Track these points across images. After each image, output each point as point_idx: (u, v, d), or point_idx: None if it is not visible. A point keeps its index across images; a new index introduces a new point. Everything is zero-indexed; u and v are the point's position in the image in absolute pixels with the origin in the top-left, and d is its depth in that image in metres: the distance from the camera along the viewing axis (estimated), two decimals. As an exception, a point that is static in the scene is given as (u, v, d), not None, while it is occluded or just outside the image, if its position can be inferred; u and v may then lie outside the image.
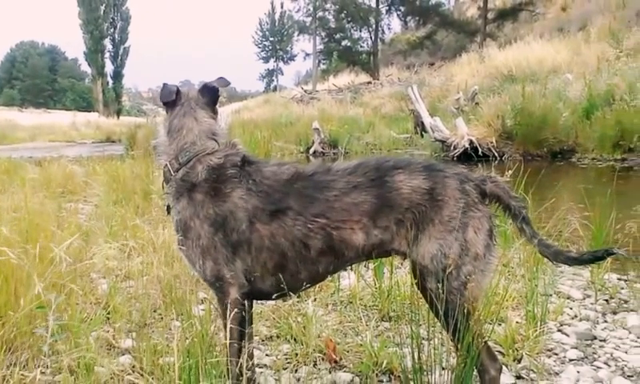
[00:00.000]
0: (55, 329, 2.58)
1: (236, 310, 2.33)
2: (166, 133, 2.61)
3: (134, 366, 2.84)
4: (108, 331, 3.28)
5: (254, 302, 2.74)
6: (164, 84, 2.65)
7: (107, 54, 71.17)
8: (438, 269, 2.25)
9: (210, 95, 2.67)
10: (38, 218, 3.96)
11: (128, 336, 3.22)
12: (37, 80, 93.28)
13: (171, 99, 2.59)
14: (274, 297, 2.50)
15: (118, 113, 68.67)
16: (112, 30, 71.58)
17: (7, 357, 2.67)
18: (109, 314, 3.46)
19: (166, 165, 2.54)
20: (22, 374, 2.55)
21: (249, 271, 2.39)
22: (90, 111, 67.03)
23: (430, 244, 2.27)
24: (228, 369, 2.36)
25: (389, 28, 47.47)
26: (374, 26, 42.95)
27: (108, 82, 72.02)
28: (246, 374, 2.37)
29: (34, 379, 2.43)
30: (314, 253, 2.37)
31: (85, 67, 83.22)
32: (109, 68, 72.00)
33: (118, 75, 74.09)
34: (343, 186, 2.36)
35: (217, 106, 2.73)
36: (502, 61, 24.81)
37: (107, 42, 70.93)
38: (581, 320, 3.56)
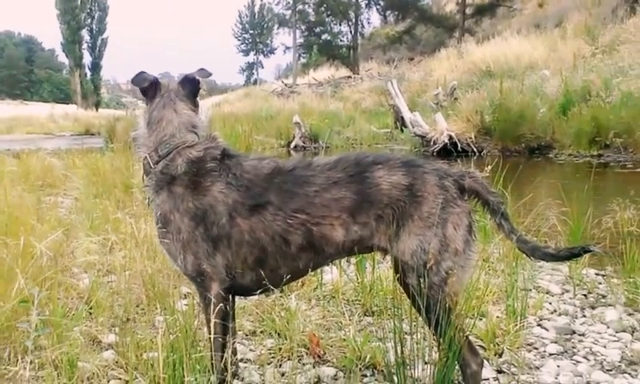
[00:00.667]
0: (38, 324, 2.57)
1: (219, 304, 2.33)
2: (145, 124, 2.58)
3: (117, 361, 2.84)
4: (91, 326, 3.26)
5: (236, 297, 2.74)
6: (140, 71, 2.61)
7: (85, 45, 70.26)
8: (417, 264, 2.27)
9: (191, 87, 2.64)
10: (17, 212, 3.92)
11: (111, 331, 3.21)
12: (13, 71, 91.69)
13: (144, 86, 2.57)
14: (256, 292, 2.51)
15: (97, 105, 67.75)
16: (90, 20, 70.59)
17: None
18: (91, 308, 3.44)
19: (146, 157, 2.52)
20: (5, 369, 2.54)
21: (229, 266, 2.39)
22: (68, 103, 66.11)
23: (409, 240, 2.29)
24: (212, 363, 2.37)
25: (368, 22, 47.61)
26: (353, 20, 43.10)
27: (86, 74, 71.09)
28: (231, 368, 2.39)
29: (17, 374, 2.42)
30: (294, 248, 2.38)
31: (62, 58, 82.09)
32: (87, 59, 71.16)
33: (96, 67, 73.16)
34: (323, 182, 2.36)
35: (197, 99, 2.70)
36: (480, 56, 24.98)
37: (85, 33, 69.96)
38: (560, 315, 3.62)
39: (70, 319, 3.09)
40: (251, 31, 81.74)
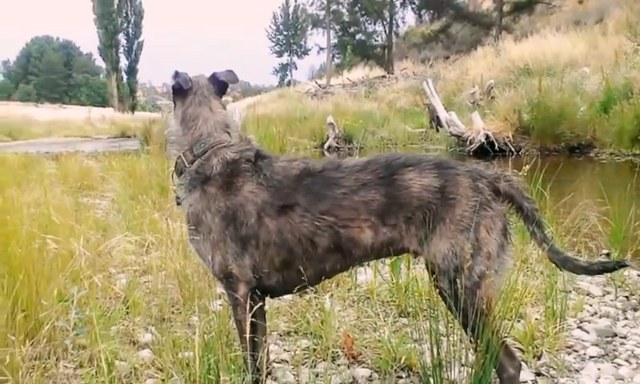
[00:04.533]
0: (77, 322, 2.61)
1: (246, 305, 2.33)
2: (179, 122, 2.58)
3: (153, 361, 2.87)
4: (128, 326, 3.31)
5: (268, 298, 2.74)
6: (176, 71, 2.60)
7: (121, 49, 71.37)
8: (449, 268, 2.24)
9: (220, 86, 2.65)
10: (56, 213, 4.00)
11: (147, 330, 3.25)
12: (52, 75, 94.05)
13: (188, 87, 2.56)
14: (282, 293, 2.50)
15: (133, 108, 68.86)
16: (126, 24, 71.72)
17: (30, 350, 2.70)
18: (128, 308, 3.49)
19: (180, 156, 2.52)
20: (44, 367, 2.59)
21: (256, 267, 2.38)
22: (104, 106, 67.54)
23: (441, 243, 2.26)
24: (246, 362, 2.37)
25: (403, 21, 47.20)
26: (388, 20, 42.82)
27: (122, 77, 72.18)
28: (266, 368, 2.39)
29: (57, 372, 2.47)
30: (320, 250, 2.36)
31: (99, 62, 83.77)
32: (123, 63, 72.21)
33: (132, 70, 74.27)
34: (352, 184, 2.34)
35: (223, 98, 2.71)
36: (518, 54, 24.58)
37: (121, 37, 71.15)
38: (601, 317, 3.53)
39: (108, 319, 3.15)
40: (285, 32, 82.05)
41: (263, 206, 2.35)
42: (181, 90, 2.57)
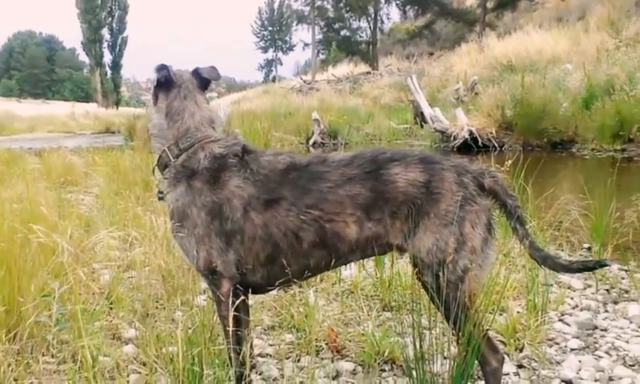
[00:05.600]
0: (59, 318, 2.60)
1: (229, 300, 2.33)
2: (163, 116, 2.53)
3: (137, 356, 2.86)
4: (111, 321, 3.30)
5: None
6: (162, 64, 2.54)
7: (105, 44, 70.74)
8: (433, 262, 2.24)
9: (202, 81, 2.63)
10: (39, 209, 3.97)
11: (131, 326, 3.24)
12: (35, 70, 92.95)
13: (166, 77, 2.51)
14: (266, 289, 2.51)
15: (117, 103, 68.41)
16: (110, 19, 71.08)
17: (12, 345, 2.68)
18: (111, 303, 3.48)
19: (164, 150, 2.50)
20: (27, 363, 2.57)
21: (241, 263, 2.38)
22: (88, 102, 66.80)
23: (425, 237, 2.26)
24: (230, 357, 2.37)
25: (388, 17, 47.31)
26: (372, 16, 42.85)
27: (106, 73, 71.60)
28: (250, 361, 2.39)
29: (39, 367, 2.45)
30: (306, 245, 2.35)
31: (83, 57, 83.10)
32: (107, 58, 71.66)
33: (116, 65, 73.66)
34: (337, 178, 2.33)
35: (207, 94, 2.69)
36: (502, 51, 24.74)
37: (105, 32, 70.49)
38: (582, 310, 3.58)
39: (91, 314, 3.13)
40: (270, 28, 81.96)
41: (249, 200, 2.34)
42: (165, 84, 2.54)
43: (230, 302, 2.30)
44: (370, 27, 43.52)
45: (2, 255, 2.89)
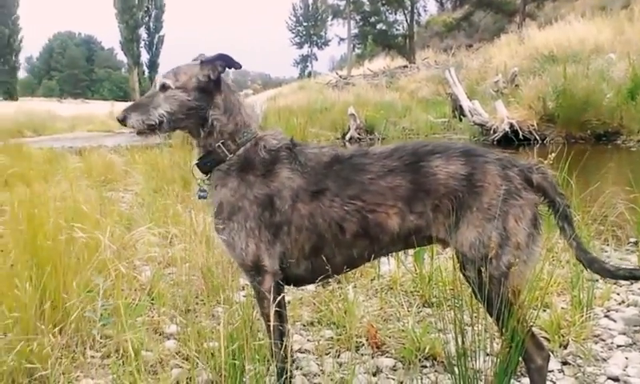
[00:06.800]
0: (103, 313, 2.65)
1: (271, 296, 2.34)
2: (222, 112, 2.48)
3: (179, 351, 2.89)
4: (153, 317, 3.34)
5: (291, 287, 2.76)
6: (221, 54, 2.48)
7: (142, 44, 71.98)
8: (476, 257, 2.21)
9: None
10: (81, 207, 4.05)
11: (172, 321, 3.28)
12: (74, 70, 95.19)
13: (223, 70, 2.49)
14: (310, 282, 2.52)
15: (155, 102, 69.28)
16: (147, 18, 72.29)
17: (58, 339, 2.74)
18: (153, 299, 3.53)
19: (219, 145, 2.47)
20: (72, 357, 2.63)
21: (286, 255, 2.41)
22: (127, 101, 67.79)
23: (468, 232, 2.24)
24: (272, 352, 2.38)
25: (425, 10, 46.84)
26: (409, 9, 42.45)
27: (144, 72, 72.90)
28: (291, 356, 2.40)
29: (85, 362, 2.50)
30: (349, 236, 2.37)
31: (121, 57, 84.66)
32: (144, 57, 72.94)
33: (153, 64, 74.93)
34: (379, 170, 2.35)
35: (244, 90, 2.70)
36: (543, 41, 24.14)
37: (142, 31, 71.70)
38: (628, 306, 3.48)
39: (133, 309, 3.18)
40: (305, 23, 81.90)
41: (297, 191, 2.38)
42: (216, 81, 2.49)
43: (272, 298, 2.31)
44: (406, 20, 43.15)
45: (47, 253, 2.97)
